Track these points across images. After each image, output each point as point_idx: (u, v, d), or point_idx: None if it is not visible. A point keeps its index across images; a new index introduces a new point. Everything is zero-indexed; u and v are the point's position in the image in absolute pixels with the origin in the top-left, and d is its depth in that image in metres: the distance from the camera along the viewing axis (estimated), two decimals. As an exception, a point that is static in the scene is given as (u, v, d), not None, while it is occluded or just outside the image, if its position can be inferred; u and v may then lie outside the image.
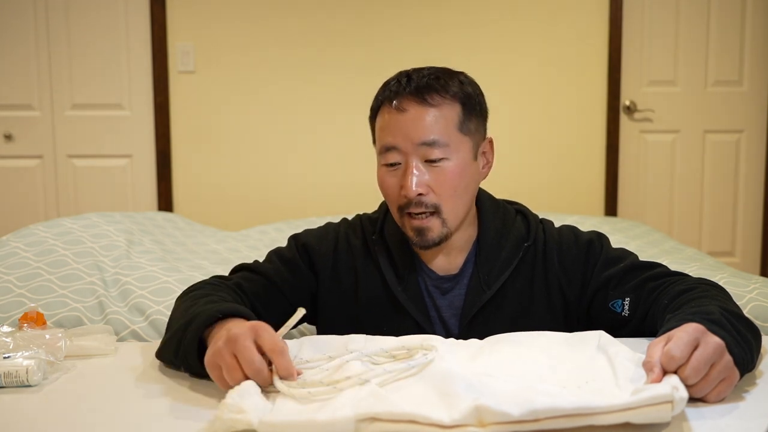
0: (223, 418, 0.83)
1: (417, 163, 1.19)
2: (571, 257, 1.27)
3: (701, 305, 1.04)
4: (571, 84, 3.78)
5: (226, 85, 3.73)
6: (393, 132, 1.20)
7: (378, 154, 1.24)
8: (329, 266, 1.31)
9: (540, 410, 0.79)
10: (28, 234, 1.93)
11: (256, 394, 0.88)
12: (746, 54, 3.85)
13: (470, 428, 0.79)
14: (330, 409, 0.83)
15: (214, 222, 3.56)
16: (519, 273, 1.27)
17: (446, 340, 1.09)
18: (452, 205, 1.21)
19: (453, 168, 1.20)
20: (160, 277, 1.80)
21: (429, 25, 3.73)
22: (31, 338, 1.10)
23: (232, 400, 0.85)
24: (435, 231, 1.21)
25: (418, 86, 1.20)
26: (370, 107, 1.28)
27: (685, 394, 0.83)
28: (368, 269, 1.30)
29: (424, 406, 0.83)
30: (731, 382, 0.92)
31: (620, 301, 1.22)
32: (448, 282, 1.28)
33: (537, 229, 1.30)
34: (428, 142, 1.19)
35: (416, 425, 0.80)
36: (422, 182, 1.19)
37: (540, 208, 1.50)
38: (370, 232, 1.32)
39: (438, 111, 1.20)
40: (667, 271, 1.24)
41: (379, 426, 0.80)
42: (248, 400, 0.85)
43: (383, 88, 1.25)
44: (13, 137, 3.72)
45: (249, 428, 0.82)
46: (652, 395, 0.80)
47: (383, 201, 1.35)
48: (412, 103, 1.20)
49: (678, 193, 3.94)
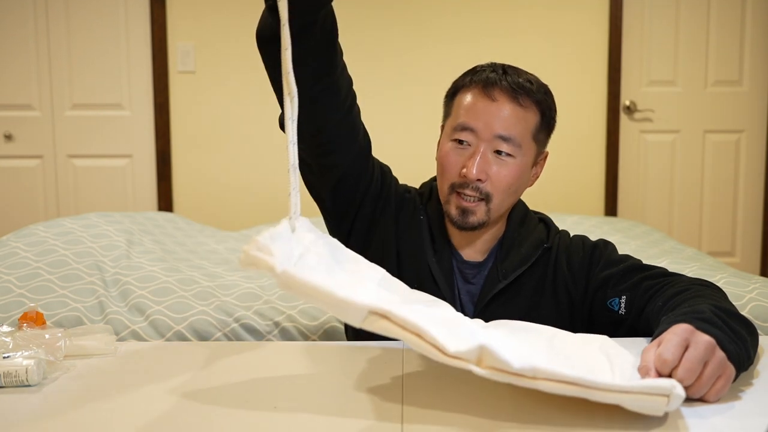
0: (249, 254, 0.82)
1: (486, 151, 1.24)
2: (577, 260, 1.32)
3: (693, 305, 1.04)
4: (571, 84, 3.78)
5: (226, 85, 3.73)
6: (477, 115, 1.25)
7: (450, 128, 1.28)
8: (393, 204, 1.36)
9: (540, 369, 0.79)
10: (28, 234, 1.93)
11: (290, 241, 0.87)
12: (746, 54, 3.85)
13: (469, 364, 0.80)
14: (352, 290, 0.83)
15: (214, 222, 3.57)
16: (534, 271, 1.32)
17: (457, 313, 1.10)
18: (501, 199, 1.27)
19: (515, 167, 1.26)
20: (160, 277, 1.80)
21: (429, 25, 3.73)
22: (31, 338, 1.10)
23: (264, 240, 0.84)
24: (478, 216, 1.26)
25: (514, 82, 1.26)
26: (453, 84, 1.32)
27: (682, 393, 0.83)
28: (414, 232, 1.34)
29: (433, 329, 0.82)
30: (727, 379, 0.92)
31: (617, 300, 1.25)
32: (472, 269, 1.33)
33: (555, 236, 1.37)
34: (505, 137, 1.24)
35: (420, 340, 0.80)
36: (485, 169, 1.24)
37: (540, 208, 1.51)
38: (419, 202, 1.38)
39: (523, 112, 1.26)
40: (665, 271, 1.25)
41: (385, 324, 0.81)
42: (279, 245, 0.84)
43: (476, 72, 1.29)
44: (13, 137, 3.73)
45: (270, 272, 0.81)
46: (650, 385, 0.81)
47: (425, 182, 1.42)
48: (505, 96, 1.25)
49: (678, 193, 3.94)
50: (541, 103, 1.28)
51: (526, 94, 1.26)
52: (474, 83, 1.28)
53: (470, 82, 1.29)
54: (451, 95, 1.32)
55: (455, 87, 1.32)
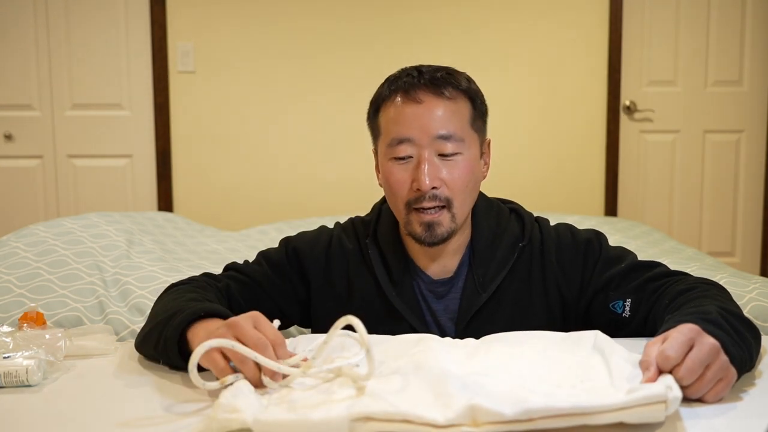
0: (218, 418, 0.82)
1: (431, 157, 1.17)
2: (569, 256, 1.26)
3: (700, 305, 1.04)
4: (571, 84, 3.78)
5: (226, 85, 3.73)
6: (407, 124, 1.18)
7: (386, 147, 1.21)
8: (321, 271, 1.30)
9: (534, 410, 0.79)
10: (28, 234, 1.93)
11: (250, 393, 0.88)
12: (746, 54, 3.85)
13: (464, 428, 0.79)
14: (324, 408, 0.83)
15: (214, 222, 3.56)
16: (515, 274, 1.25)
17: (443, 339, 1.08)
18: (461, 200, 1.20)
19: (465, 163, 1.19)
20: (160, 277, 1.80)
21: (428, 26, 3.73)
22: (31, 338, 1.10)
23: (226, 400, 0.84)
24: (445, 225, 1.19)
25: (432, 78, 1.19)
26: (372, 102, 1.25)
27: (678, 393, 0.83)
28: (362, 273, 1.28)
29: (419, 405, 0.83)
30: (728, 383, 0.92)
31: (621, 302, 1.21)
32: (442, 286, 1.26)
33: (532, 228, 1.28)
34: (444, 135, 1.17)
35: (410, 425, 0.80)
36: (436, 176, 1.17)
37: (540, 208, 1.50)
38: (363, 235, 1.30)
39: (453, 105, 1.19)
40: (668, 270, 1.23)
41: (373, 425, 0.80)
42: (242, 399, 0.85)
43: (391, 82, 1.22)
44: (13, 137, 3.73)
45: (244, 427, 0.82)
46: (645, 395, 0.80)
47: (376, 204, 1.34)
48: (428, 95, 1.18)
49: (678, 193, 3.94)
50: (468, 91, 1.21)
51: (449, 85, 1.19)
52: (393, 93, 1.20)
53: (389, 93, 1.21)
54: (374, 113, 1.25)
55: (375, 104, 1.24)
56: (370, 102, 1.26)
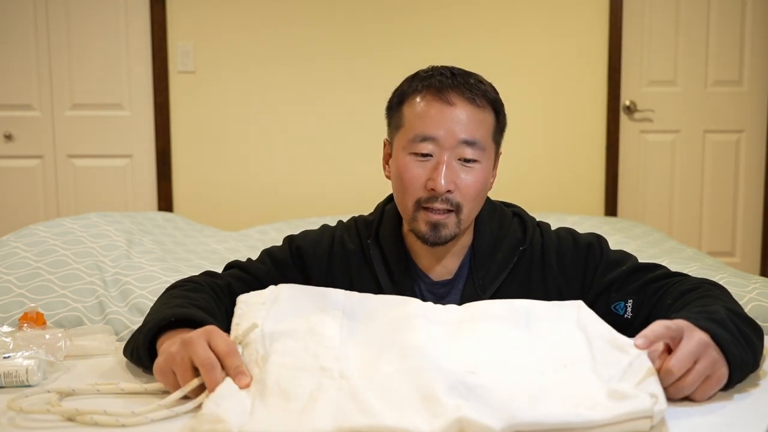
0: (202, 430, 0.81)
1: (450, 160, 1.17)
2: (570, 260, 1.26)
3: (706, 305, 1.04)
4: (571, 84, 3.78)
5: (226, 85, 3.73)
6: (434, 122, 1.17)
7: (407, 141, 1.19)
8: (324, 270, 1.29)
9: (521, 423, 0.80)
10: (28, 234, 1.93)
11: (232, 396, 0.86)
12: (746, 54, 3.85)
13: None
14: (310, 419, 0.82)
15: (214, 222, 3.56)
16: (515, 277, 1.25)
17: (426, 304, 1.07)
18: (470, 208, 1.20)
19: (481, 172, 1.19)
20: (160, 277, 1.80)
21: (429, 27, 3.73)
22: (31, 338, 1.10)
23: (208, 410, 0.83)
24: (450, 228, 1.18)
25: (466, 83, 1.19)
26: (396, 92, 1.24)
27: (664, 405, 0.84)
28: (363, 273, 1.28)
29: (405, 413, 0.82)
30: (717, 380, 0.92)
31: (623, 303, 1.21)
32: (443, 287, 1.27)
33: (534, 233, 1.28)
34: (469, 141, 1.17)
35: None
36: (453, 179, 1.17)
37: (540, 208, 1.50)
38: (366, 235, 1.30)
39: (482, 113, 1.20)
40: (669, 272, 1.23)
41: None
42: (225, 406, 0.83)
43: (423, 78, 1.21)
44: (13, 137, 3.72)
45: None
46: (631, 410, 0.82)
47: (379, 204, 1.34)
48: (461, 99, 1.18)
49: (678, 193, 3.94)
50: (495, 102, 1.22)
51: (482, 94, 1.20)
52: (425, 88, 1.19)
53: (420, 88, 1.20)
54: (397, 104, 1.23)
55: (400, 95, 1.23)
56: (394, 92, 1.25)
